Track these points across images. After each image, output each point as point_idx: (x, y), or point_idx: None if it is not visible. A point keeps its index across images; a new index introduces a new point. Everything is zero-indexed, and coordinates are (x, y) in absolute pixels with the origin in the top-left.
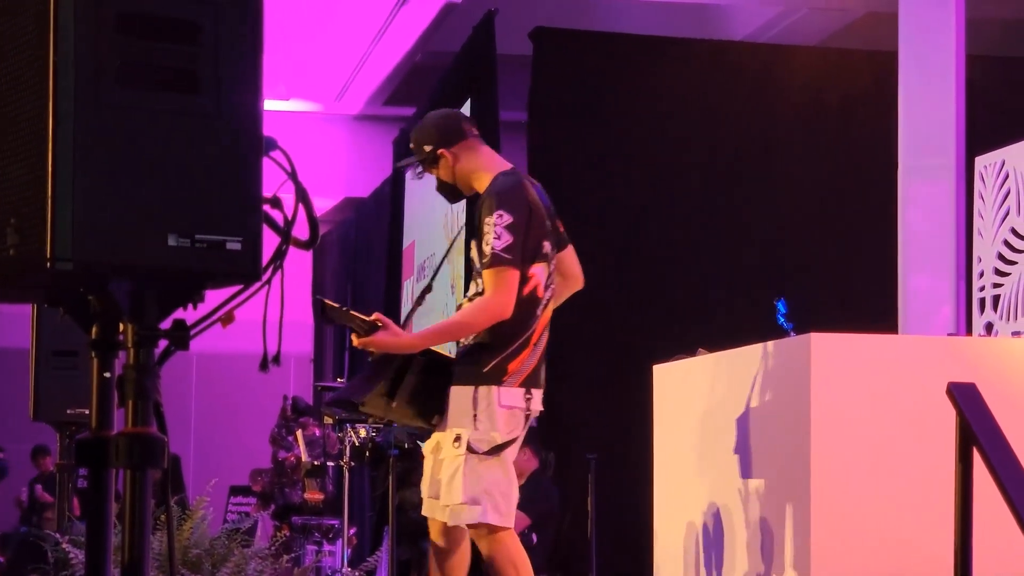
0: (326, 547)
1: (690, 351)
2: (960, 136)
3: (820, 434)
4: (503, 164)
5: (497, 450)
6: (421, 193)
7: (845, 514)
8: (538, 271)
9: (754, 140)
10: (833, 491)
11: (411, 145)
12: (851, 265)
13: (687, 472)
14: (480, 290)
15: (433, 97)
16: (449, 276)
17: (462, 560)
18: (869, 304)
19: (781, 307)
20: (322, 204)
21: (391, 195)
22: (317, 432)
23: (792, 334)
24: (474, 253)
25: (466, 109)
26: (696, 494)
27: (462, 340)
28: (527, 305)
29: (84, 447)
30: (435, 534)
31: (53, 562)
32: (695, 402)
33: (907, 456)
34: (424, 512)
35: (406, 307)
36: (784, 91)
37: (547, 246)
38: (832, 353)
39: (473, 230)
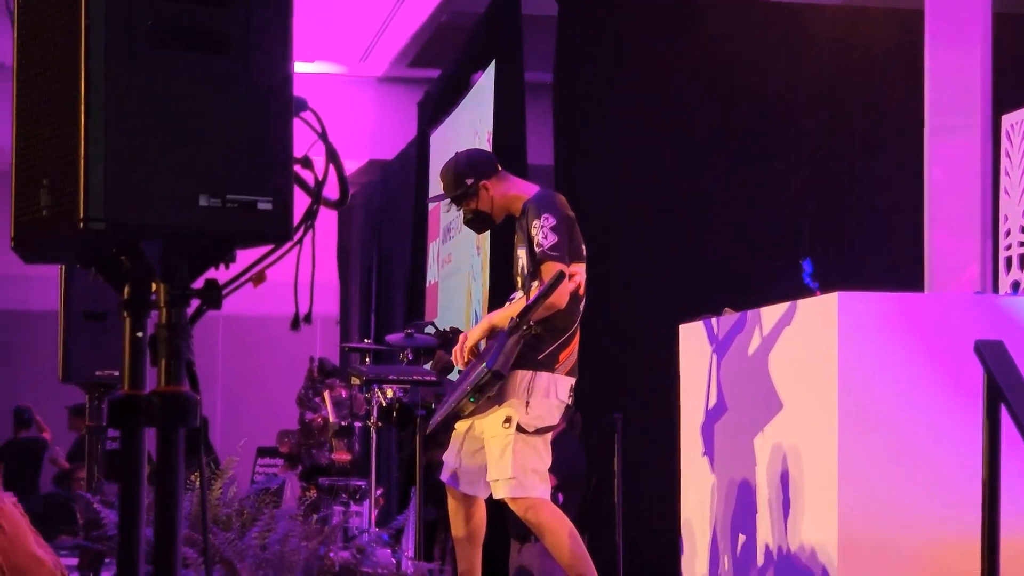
0: (353, 508)
1: (716, 310)
2: (986, 94)
3: (847, 392)
4: (533, 185)
5: (543, 431)
6: (447, 154)
7: (872, 472)
8: (579, 270)
9: (779, 98)
10: (859, 449)
11: (444, 182)
12: (877, 224)
13: (713, 433)
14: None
15: (458, 58)
16: (474, 238)
17: (481, 519)
18: (895, 263)
19: (807, 266)
20: (347, 166)
21: (416, 157)
22: (344, 393)
23: (818, 293)
24: (523, 260)
25: (491, 70)
26: (722, 453)
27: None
28: (572, 301)
29: (117, 406)
30: (451, 498)
31: (83, 522)
32: (721, 361)
33: (934, 414)
34: (444, 478)
35: (432, 269)
36: (808, 49)
37: (584, 249)
38: (859, 311)
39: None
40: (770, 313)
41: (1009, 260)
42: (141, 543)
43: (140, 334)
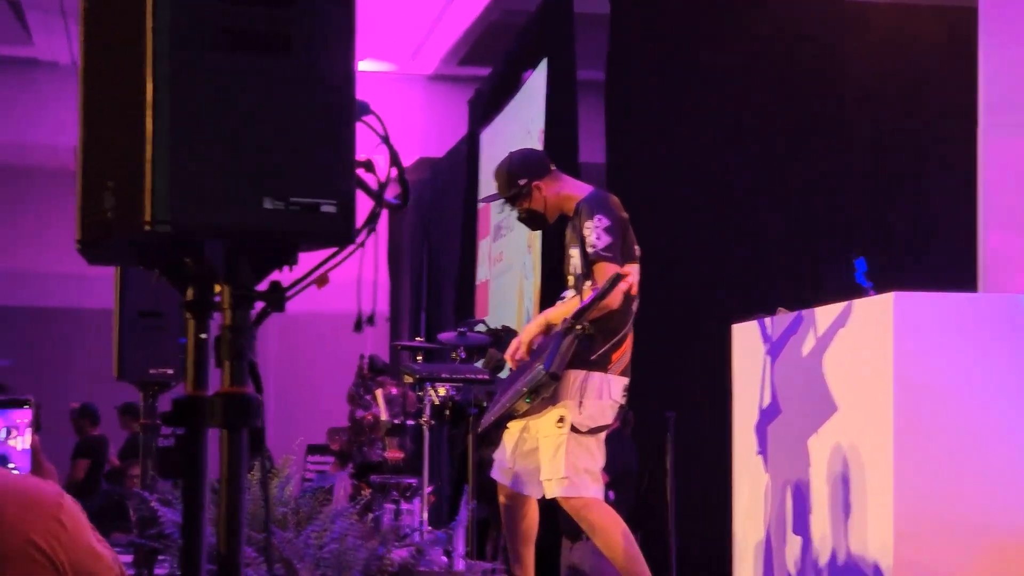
0: (404, 505)
1: (770, 310)
2: None
3: (902, 393)
4: (586, 186)
5: (596, 431)
6: (497, 153)
7: (927, 474)
8: (632, 270)
9: (830, 96)
10: (915, 450)
11: (497, 182)
12: (930, 223)
13: (766, 433)
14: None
15: (509, 56)
16: (525, 236)
17: (533, 519)
18: (948, 262)
19: (860, 265)
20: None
21: (466, 155)
22: (394, 390)
23: (871, 292)
24: (575, 260)
25: (542, 68)
26: (776, 453)
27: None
28: (625, 302)
29: (180, 407)
30: (504, 498)
31: (136, 520)
32: (775, 361)
33: (991, 414)
34: (496, 476)
35: (482, 267)
36: (861, 46)
37: (637, 249)
38: (914, 312)
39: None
40: (824, 313)
41: None
42: (204, 542)
43: (204, 335)
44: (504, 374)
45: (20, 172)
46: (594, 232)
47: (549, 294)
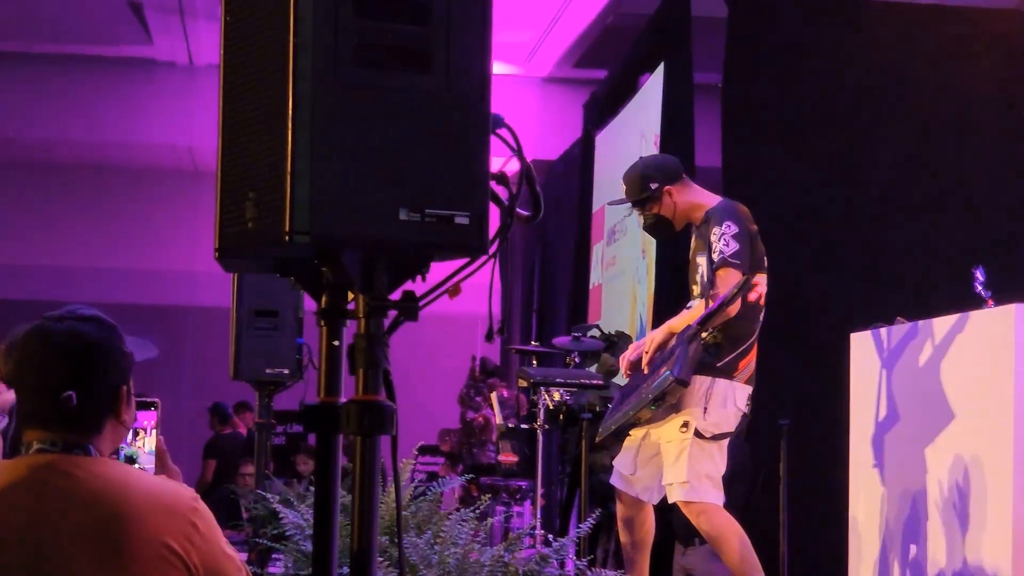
0: (515, 508)
1: (888, 319)
2: None
3: (1023, 407)
4: (715, 196)
5: (719, 437)
6: (612, 156)
7: None
8: (761, 280)
9: (950, 105)
10: None
11: (627, 185)
12: None
13: (883, 442)
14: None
15: (625, 60)
16: (640, 241)
17: (650, 527)
18: None
19: (979, 275)
20: (511, 166)
21: (581, 158)
22: (505, 393)
23: (990, 302)
24: (703, 268)
25: (659, 72)
26: (892, 464)
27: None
28: (753, 311)
29: (313, 413)
30: (622, 504)
31: (248, 518)
32: (892, 372)
33: None
34: (616, 483)
35: (595, 271)
36: (986, 54)
37: (765, 260)
38: None
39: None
40: (943, 324)
41: None
42: (336, 548)
43: (336, 342)
44: (618, 379)
45: (138, 171)
46: (723, 239)
47: (663, 300)
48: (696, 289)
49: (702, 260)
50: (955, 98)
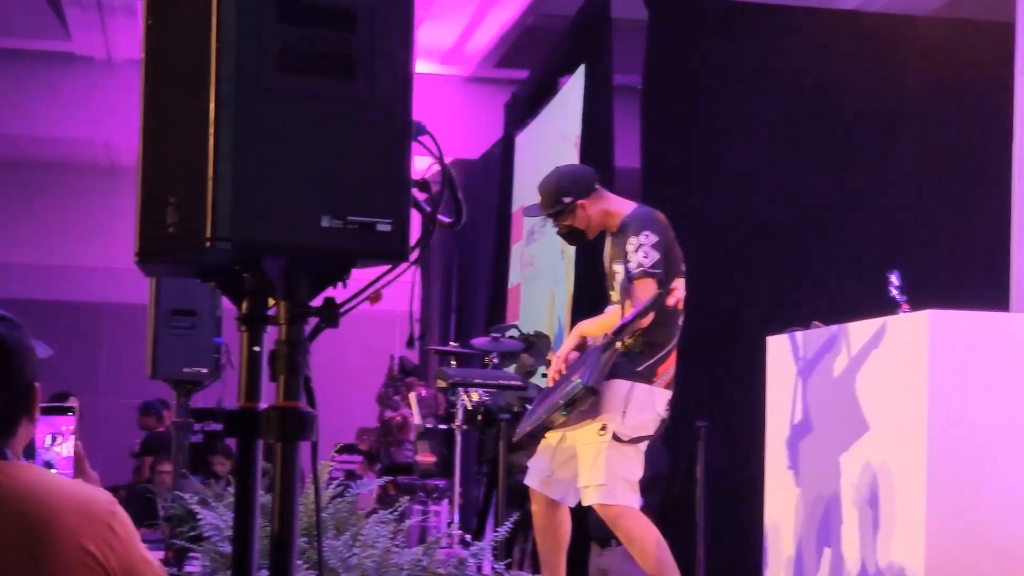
0: (432, 507)
1: (804, 323)
2: None
3: (936, 411)
4: (630, 203)
5: (637, 441)
6: (533, 157)
7: (960, 493)
8: (679, 285)
9: (869, 111)
10: (948, 469)
11: (542, 197)
12: (965, 240)
13: (799, 445)
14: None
15: (546, 61)
16: (559, 242)
17: (567, 528)
18: (982, 280)
19: (895, 279)
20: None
21: (501, 158)
22: (424, 392)
23: (906, 306)
24: (619, 275)
25: (580, 73)
26: (808, 467)
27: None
28: (672, 316)
29: (234, 418)
30: (538, 505)
31: (165, 517)
32: (808, 375)
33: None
34: (532, 484)
35: (514, 271)
36: (900, 62)
37: (683, 265)
38: (949, 330)
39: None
40: (859, 329)
41: None
42: (256, 552)
43: (257, 348)
44: (537, 380)
45: (55, 166)
46: (640, 249)
47: (581, 300)
48: (614, 295)
49: (619, 268)
50: (875, 103)
